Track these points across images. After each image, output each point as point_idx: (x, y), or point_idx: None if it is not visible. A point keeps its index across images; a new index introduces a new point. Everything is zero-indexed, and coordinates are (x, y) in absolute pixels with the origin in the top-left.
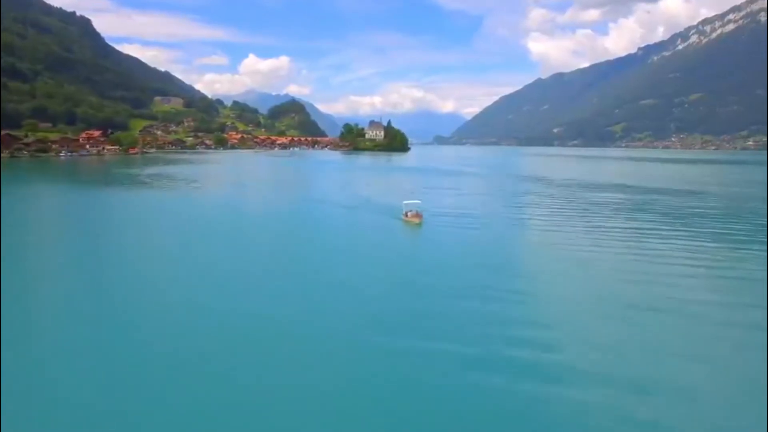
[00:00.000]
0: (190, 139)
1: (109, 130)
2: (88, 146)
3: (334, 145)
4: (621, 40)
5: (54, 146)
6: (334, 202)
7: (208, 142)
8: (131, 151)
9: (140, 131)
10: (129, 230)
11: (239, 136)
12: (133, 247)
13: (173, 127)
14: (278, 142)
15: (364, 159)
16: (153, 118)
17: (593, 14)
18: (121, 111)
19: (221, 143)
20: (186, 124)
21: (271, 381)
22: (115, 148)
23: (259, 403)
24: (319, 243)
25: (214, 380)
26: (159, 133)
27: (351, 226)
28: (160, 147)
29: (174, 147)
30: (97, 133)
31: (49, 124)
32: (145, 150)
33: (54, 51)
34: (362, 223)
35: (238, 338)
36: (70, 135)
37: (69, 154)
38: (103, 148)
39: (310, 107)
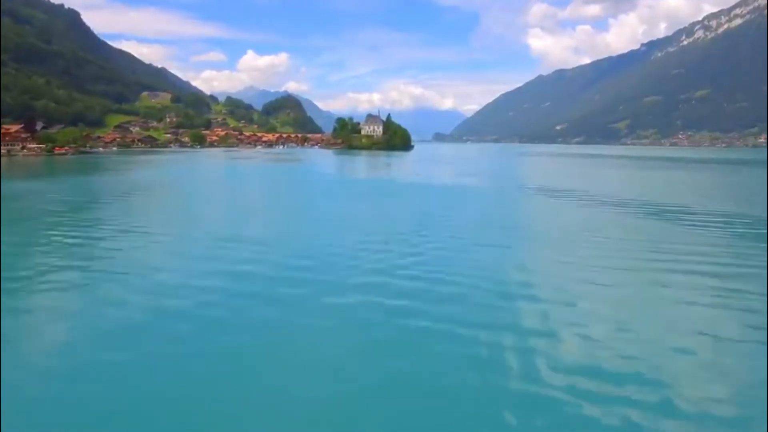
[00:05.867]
0: (168, 135)
1: (40, 126)
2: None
3: (326, 143)
4: (622, 36)
5: None
6: None
7: (184, 139)
8: (57, 150)
9: (115, 127)
10: None
11: (223, 132)
12: None
13: (154, 123)
14: (264, 139)
15: (358, 163)
16: (134, 113)
17: (594, 10)
18: (96, 106)
19: (198, 141)
20: (168, 120)
21: None
22: (38, 147)
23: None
24: None
25: None
26: (136, 129)
27: None
28: (125, 145)
29: (143, 145)
30: (14, 128)
31: None
32: (84, 149)
33: (28, 42)
34: None
35: None
36: None
37: None
38: (23, 147)
39: (309, 104)
